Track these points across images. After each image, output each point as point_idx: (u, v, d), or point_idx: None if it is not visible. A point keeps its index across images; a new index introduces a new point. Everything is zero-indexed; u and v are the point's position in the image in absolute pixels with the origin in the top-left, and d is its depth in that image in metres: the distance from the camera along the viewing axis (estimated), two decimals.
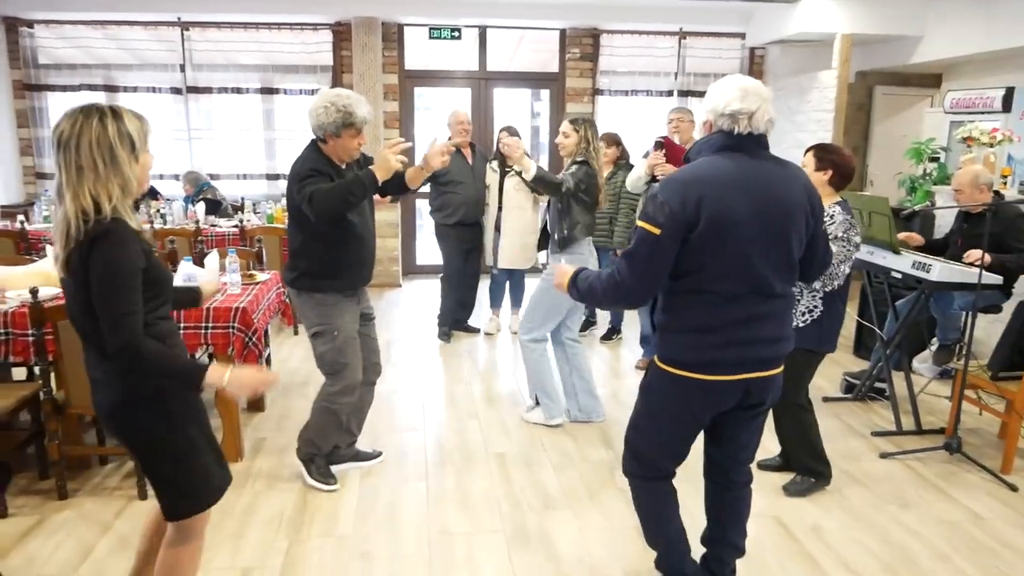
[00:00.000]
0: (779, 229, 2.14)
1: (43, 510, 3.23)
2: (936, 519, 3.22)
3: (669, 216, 2.07)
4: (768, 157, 2.20)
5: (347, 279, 3.27)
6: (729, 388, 2.21)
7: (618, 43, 8.04)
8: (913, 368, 4.79)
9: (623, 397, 4.69)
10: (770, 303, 2.19)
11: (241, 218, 6.39)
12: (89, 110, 1.95)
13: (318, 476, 3.47)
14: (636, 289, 2.18)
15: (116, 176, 1.94)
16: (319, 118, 3.11)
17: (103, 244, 1.90)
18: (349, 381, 3.35)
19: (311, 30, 7.62)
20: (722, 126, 2.17)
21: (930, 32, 6.57)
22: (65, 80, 7.53)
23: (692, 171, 2.15)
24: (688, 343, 2.19)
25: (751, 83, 2.17)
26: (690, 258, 2.11)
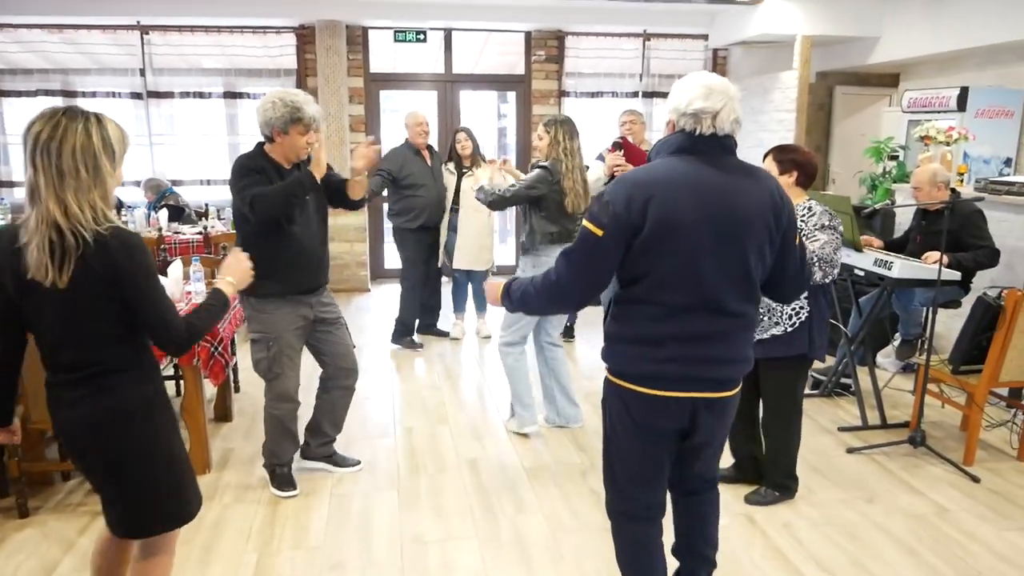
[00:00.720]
0: (734, 240, 1.98)
1: (3, 529, 3.14)
2: (902, 512, 3.28)
3: (612, 217, 1.95)
4: (732, 162, 2.05)
5: (286, 283, 3.19)
6: (672, 405, 2.05)
7: (583, 45, 8.07)
8: (877, 363, 4.88)
9: (593, 399, 4.68)
10: (722, 321, 2.02)
11: (205, 224, 6.30)
12: (72, 113, 1.85)
13: (276, 485, 3.46)
14: (572, 290, 2.08)
15: (97, 187, 1.85)
16: (266, 114, 3.09)
17: (140, 249, 1.90)
18: (281, 390, 3.34)
19: (274, 33, 7.54)
20: (684, 126, 2.02)
21: (887, 33, 6.69)
22: (21, 85, 7.35)
23: (644, 172, 2.03)
24: (631, 354, 2.07)
25: (716, 80, 2.03)
26: (635, 264, 1.99)
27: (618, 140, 4.83)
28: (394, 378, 5.14)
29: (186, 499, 2.14)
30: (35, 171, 1.82)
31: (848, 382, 4.56)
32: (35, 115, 1.86)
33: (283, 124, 3.09)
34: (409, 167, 5.50)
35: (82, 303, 1.88)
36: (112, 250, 1.84)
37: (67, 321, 1.91)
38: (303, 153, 3.19)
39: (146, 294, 1.92)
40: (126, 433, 1.98)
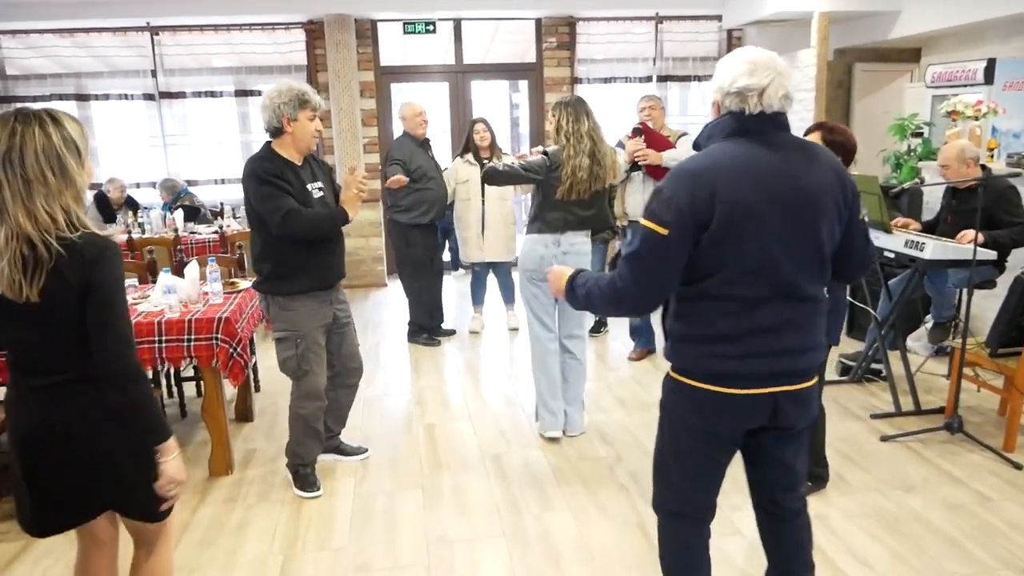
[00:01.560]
0: (805, 221, 1.86)
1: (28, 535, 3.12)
2: (942, 502, 3.18)
3: (677, 213, 1.80)
4: (788, 139, 1.92)
5: (312, 280, 3.22)
6: (753, 403, 1.92)
7: (594, 30, 7.95)
8: (908, 347, 4.76)
9: (617, 391, 4.63)
10: (798, 307, 1.90)
11: (221, 224, 6.27)
12: (26, 116, 1.76)
13: (299, 486, 3.44)
14: (640, 297, 1.92)
15: (68, 188, 1.78)
16: (274, 102, 3.09)
17: (110, 260, 1.80)
18: (311, 387, 3.32)
19: (283, 30, 7.49)
20: (730, 106, 1.88)
21: (907, 6, 6.52)
22: (35, 91, 7.37)
23: (701, 161, 1.88)
24: (704, 353, 1.92)
25: (761, 55, 1.88)
26: (704, 260, 1.84)
27: (638, 126, 4.71)
28: (413, 374, 5.09)
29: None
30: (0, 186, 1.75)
31: (879, 367, 4.45)
32: None
33: (292, 109, 3.09)
34: (417, 159, 5.31)
35: (56, 315, 1.80)
36: (86, 258, 1.76)
37: (40, 332, 1.84)
38: (312, 142, 3.20)
39: (106, 308, 1.81)
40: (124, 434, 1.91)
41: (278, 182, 3.06)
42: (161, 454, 1.91)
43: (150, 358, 3.39)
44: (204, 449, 3.73)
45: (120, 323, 1.83)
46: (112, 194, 6.84)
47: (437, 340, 5.72)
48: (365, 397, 4.60)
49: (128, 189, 7.08)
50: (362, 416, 4.31)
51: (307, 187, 3.19)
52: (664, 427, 2.10)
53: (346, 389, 3.59)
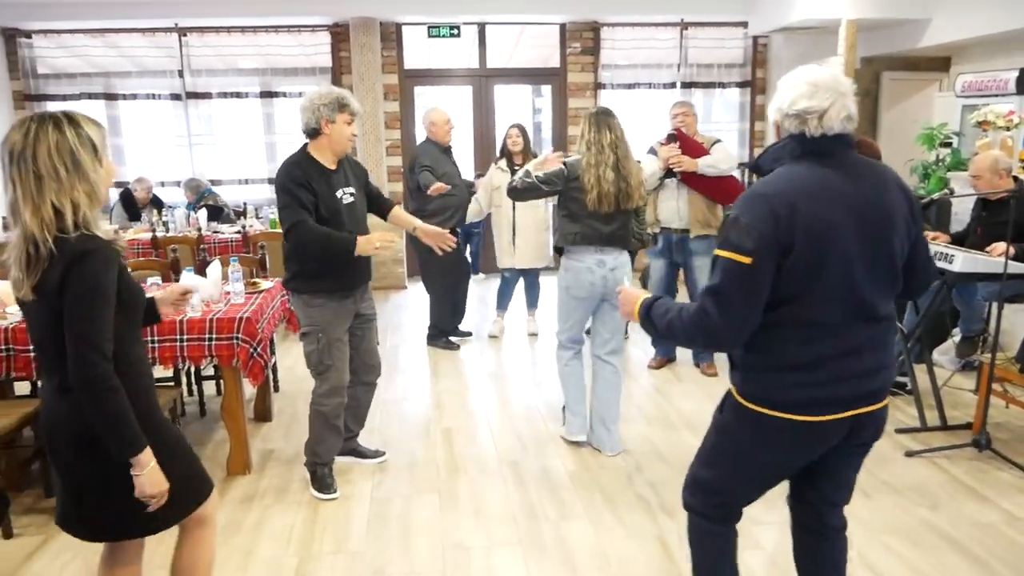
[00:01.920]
0: (881, 241, 1.82)
1: (48, 529, 3.14)
2: (969, 520, 3.11)
3: (759, 239, 1.73)
4: (856, 159, 1.88)
5: (336, 281, 3.27)
6: (833, 428, 1.87)
7: (619, 36, 7.93)
8: (934, 360, 4.68)
9: (637, 398, 4.60)
10: (874, 328, 1.86)
11: (244, 224, 6.31)
12: (42, 118, 1.80)
13: (317, 487, 3.44)
14: (728, 331, 1.82)
15: (82, 183, 1.79)
16: (314, 103, 3.15)
17: (86, 265, 1.76)
18: (333, 383, 3.35)
19: (309, 32, 7.54)
20: (790, 128, 1.85)
21: (938, 15, 6.44)
22: (65, 89, 7.48)
23: (774, 183, 1.82)
24: (785, 382, 1.85)
25: (823, 75, 1.83)
26: (785, 286, 1.78)
27: (672, 132, 4.67)
28: (432, 377, 5.08)
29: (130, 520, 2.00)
30: (14, 186, 1.77)
31: (904, 380, 4.37)
32: (8, 130, 1.80)
33: (331, 112, 3.14)
34: (442, 165, 5.32)
35: (47, 315, 1.80)
36: (66, 258, 1.75)
37: (38, 331, 1.87)
38: (348, 145, 3.25)
39: (72, 311, 1.76)
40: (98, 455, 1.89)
41: (297, 191, 3.10)
42: (133, 467, 1.86)
43: (171, 356, 3.41)
44: (222, 448, 3.75)
45: (87, 329, 1.77)
46: (139, 193, 6.91)
47: (456, 345, 5.70)
48: (383, 400, 4.60)
49: (155, 188, 7.15)
50: (380, 419, 4.30)
51: (336, 194, 3.21)
52: (722, 444, 2.04)
53: (364, 387, 3.62)
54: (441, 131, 5.39)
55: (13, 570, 2.86)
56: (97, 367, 1.78)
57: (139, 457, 1.86)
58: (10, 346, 3.27)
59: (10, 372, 3.30)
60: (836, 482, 2.07)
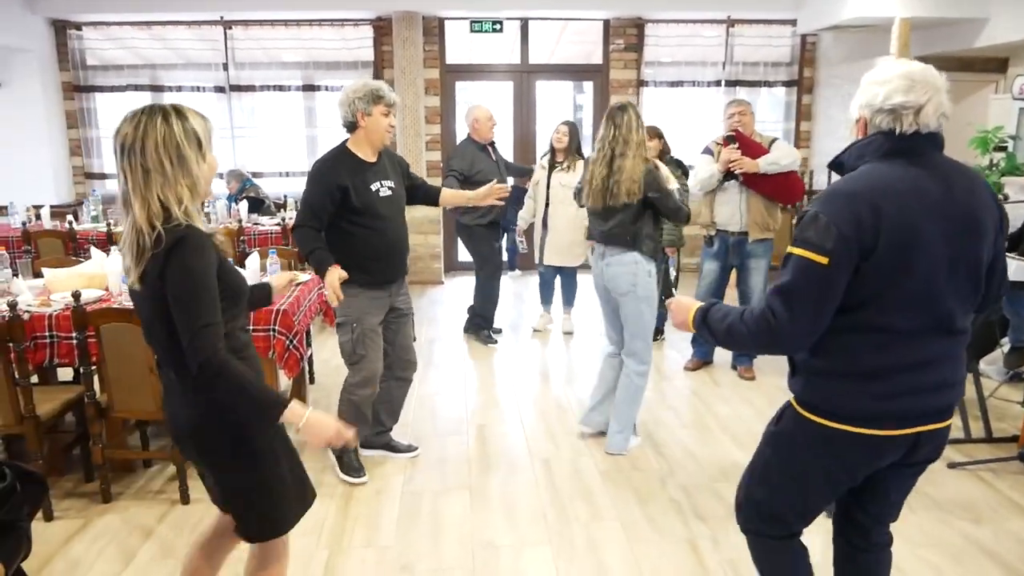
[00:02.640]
0: (969, 248, 1.73)
1: (87, 513, 3.22)
2: (1013, 536, 3.01)
3: (840, 240, 1.64)
4: (946, 160, 1.78)
5: (371, 273, 3.32)
6: (896, 443, 1.80)
7: (663, 32, 7.83)
8: (981, 371, 4.53)
9: (671, 400, 4.54)
10: (949, 341, 1.77)
11: (283, 216, 6.37)
12: (152, 110, 1.83)
13: (345, 471, 3.52)
14: (796, 333, 1.73)
15: (185, 177, 1.83)
16: (349, 97, 3.22)
17: (180, 251, 1.78)
18: (366, 373, 3.41)
19: (352, 26, 7.58)
20: (881, 125, 1.74)
21: (995, 14, 6.22)
22: (112, 81, 7.63)
23: (859, 181, 1.73)
24: (849, 391, 1.77)
25: (918, 69, 1.73)
26: (861, 289, 1.69)
27: (731, 133, 4.58)
28: (467, 373, 5.08)
29: (287, 506, 2.07)
30: (124, 177, 1.82)
31: None
32: (120, 121, 1.84)
33: (366, 104, 3.19)
34: (478, 164, 5.35)
35: (153, 304, 1.84)
36: (167, 246, 1.79)
37: (146, 321, 1.92)
38: (386, 137, 3.30)
39: (175, 299, 1.78)
40: (218, 443, 1.94)
41: (318, 196, 3.20)
42: (294, 425, 1.87)
43: None
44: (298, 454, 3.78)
45: (189, 317, 1.77)
46: None
47: (494, 340, 5.70)
48: (418, 394, 4.61)
49: None
50: (414, 413, 4.32)
51: (371, 187, 3.26)
52: (777, 459, 1.98)
53: (398, 382, 3.65)
54: (484, 128, 5.43)
55: (52, 552, 2.93)
56: (204, 352, 1.76)
57: (288, 413, 1.85)
58: (54, 333, 3.34)
59: (53, 359, 3.37)
60: (886, 502, 2.00)
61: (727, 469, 3.61)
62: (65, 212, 6.42)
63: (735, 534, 3.00)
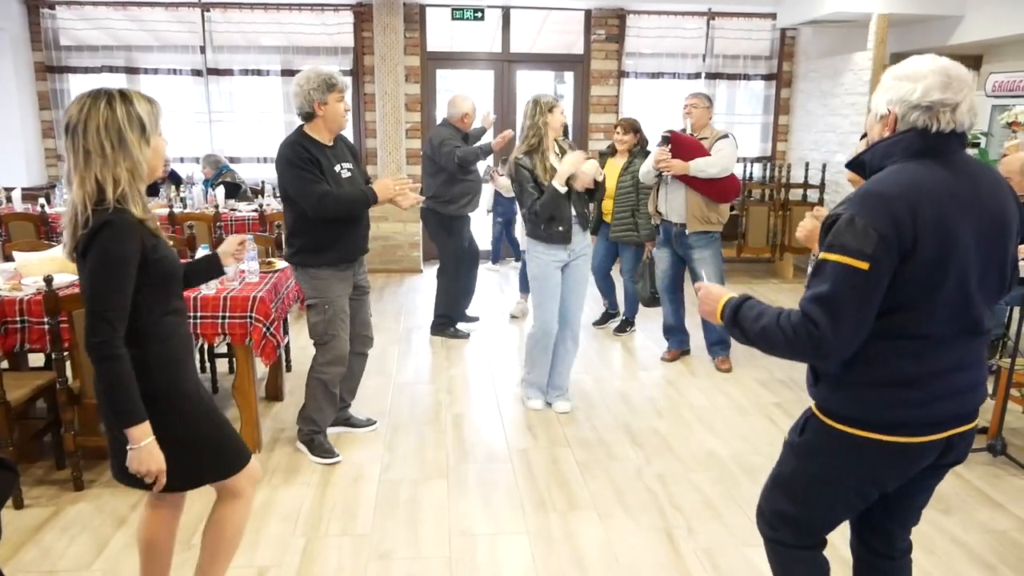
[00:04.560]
0: (999, 252, 1.70)
1: (59, 501, 3.18)
2: (981, 526, 3.07)
3: (879, 243, 1.57)
4: (970, 161, 1.73)
5: (339, 253, 3.41)
6: (929, 449, 1.75)
7: (644, 24, 7.84)
8: None
9: (650, 392, 4.57)
10: (976, 342, 1.74)
11: (261, 202, 6.31)
12: (97, 93, 1.89)
13: (321, 453, 3.58)
14: (838, 343, 1.64)
15: (125, 159, 1.88)
16: (303, 88, 3.26)
17: (102, 235, 1.84)
18: (337, 352, 3.50)
19: (332, 11, 7.50)
20: (915, 122, 1.66)
21: (970, 12, 6.31)
22: (87, 62, 7.49)
23: (893, 181, 1.65)
24: (883, 400, 1.71)
25: (951, 65, 1.67)
26: (896, 293, 1.63)
27: (666, 133, 4.63)
28: (444, 361, 5.08)
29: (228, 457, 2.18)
30: (67, 155, 1.90)
31: None
32: (70, 102, 1.91)
33: (321, 94, 3.25)
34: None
35: (81, 282, 1.93)
36: (90, 228, 1.85)
37: (83, 298, 1.98)
38: (343, 122, 3.38)
39: (86, 281, 1.87)
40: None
41: (309, 167, 3.24)
42: (129, 440, 1.92)
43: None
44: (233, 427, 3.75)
45: (96, 298, 1.85)
46: None
47: (466, 334, 5.63)
48: (395, 383, 4.61)
49: (173, 164, 7.16)
50: (391, 402, 4.31)
51: (335, 168, 3.36)
52: (803, 472, 1.90)
53: (357, 357, 3.74)
54: (470, 121, 5.36)
55: (23, 541, 2.89)
56: (99, 335, 1.85)
57: (132, 431, 1.91)
58: (25, 318, 3.29)
59: (24, 344, 3.32)
60: (912, 506, 1.96)
61: (703, 459, 3.65)
62: (37, 195, 6.31)
63: (710, 522, 3.05)
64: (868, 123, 1.82)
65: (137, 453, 1.93)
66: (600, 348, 5.41)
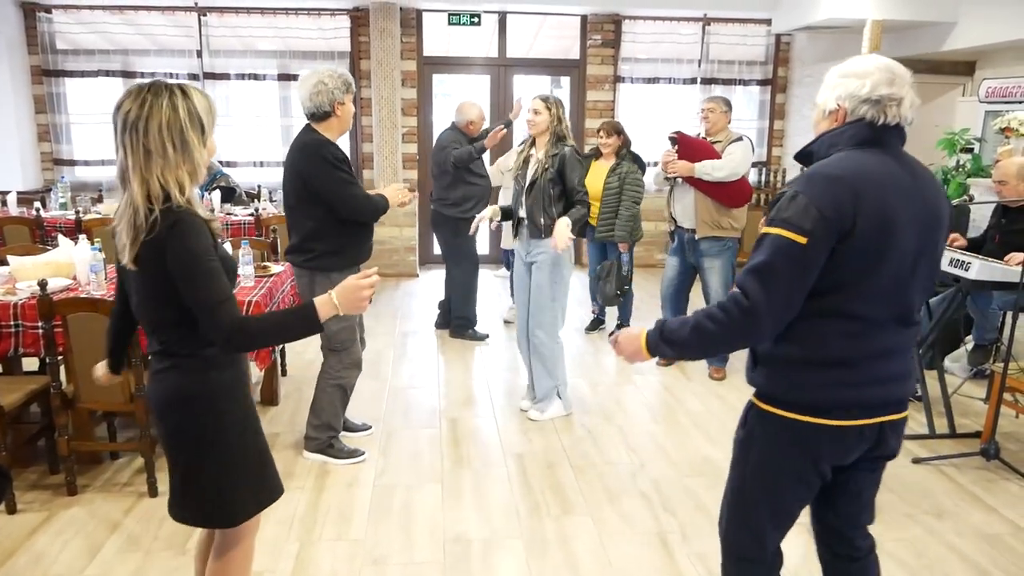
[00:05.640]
0: (932, 241, 1.76)
1: (52, 506, 3.17)
2: (975, 531, 3.08)
3: (819, 220, 1.63)
4: (907, 155, 1.80)
5: (356, 255, 3.43)
6: (863, 434, 1.79)
7: (640, 29, 7.86)
8: (946, 368, 4.63)
9: (645, 396, 4.57)
10: (906, 332, 1.79)
11: (256, 207, 6.30)
12: (158, 88, 1.80)
13: (347, 455, 3.59)
14: (769, 314, 1.68)
15: (186, 162, 1.81)
16: (328, 87, 3.23)
17: (179, 234, 1.77)
18: (355, 356, 3.55)
19: (328, 15, 7.51)
20: (863, 115, 1.74)
21: (964, 18, 6.33)
22: (83, 66, 7.47)
23: (838, 165, 1.72)
24: (816, 380, 1.75)
25: (896, 64, 1.76)
26: (836, 274, 1.68)
27: (673, 135, 4.63)
28: (440, 366, 5.08)
29: (250, 493, 2.06)
30: (124, 153, 1.80)
31: (914, 386, 4.33)
32: (122, 95, 1.82)
33: (342, 94, 3.26)
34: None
35: (147, 283, 1.85)
36: (163, 229, 1.77)
37: (140, 301, 1.91)
38: (351, 124, 3.45)
39: (185, 280, 1.78)
40: (189, 417, 1.94)
41: (347, 167, 3.27)
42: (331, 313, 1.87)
43: None
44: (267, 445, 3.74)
45: (206, 295, 1.78)
46: None
47: (483, 335, 5.62)
48: (391, 388, 4.61)
49: None
50: (386, 406, 4.31)
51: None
52: (749, 465, 1.92)
53: None
54: (475, 128, 5.40)
55: (16, 546, 2.88)
56: (232, 321, 1.79)
57: (320, 309, 1.85)
58: (19, 322, 3.28)
59: (18, 348, 3.31)
60: (858, 502, 1.97)
61: (697, 464, 3.65)
62: (32, 199, 6.30)
63: (705, 528, 3.05)
64: (815, 119, 1.88)
65: (341, 299, 1.87)
66: (595, 352, 5.41)
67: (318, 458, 3.58)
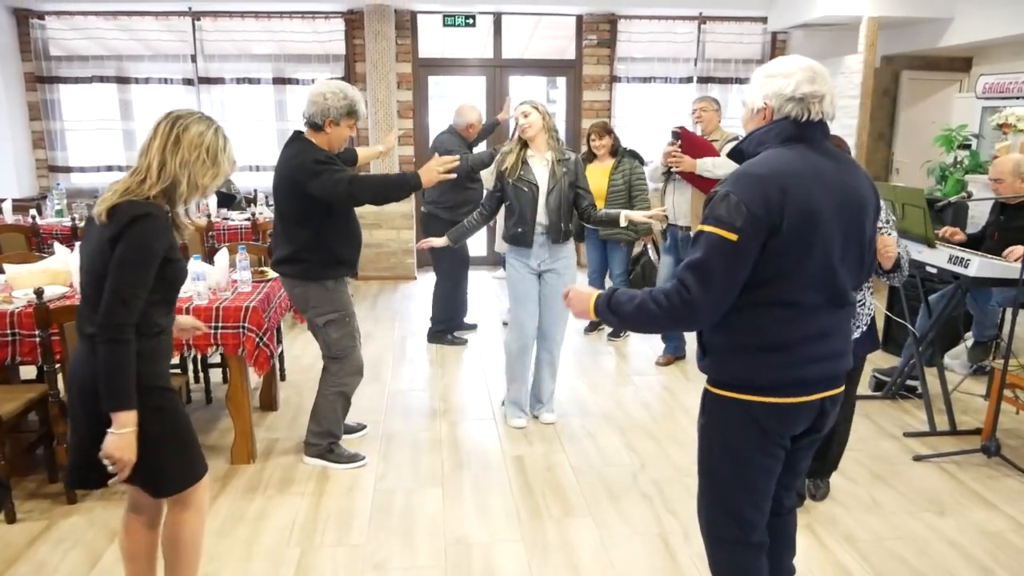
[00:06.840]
0: (857, 229, 1.88)
1: (51, 515, 3.15)
2: (976, 528, 3.08)
3: (749, 218, 1.73)
4: (832, 149, 1.93)
5: (350, 264, 3.44)
6: (806, 410, 1.91)
7: (636, 29, 7.85)
8: (945, 364, 4.62)
9: (645, 396, 4.56)
10: (841, 313, 1.92)
11: (254, 211, 6.30)
12: (209, 118, 2.07)
13: (348, 460, 3.58)
14: (706, 306, 1.81)
15: (199, 176, 2.01)
16: (328, 101, 3.20)
17: (142, 225, 1.91)
18: (356, 362, 3.53)
19: (323, 19, 7.50)
20: (789, 112, 1.86)
21: (960, 14, 6.34)
22: (77, 72, 7.46)
23: (765, 164, 1.83)
24: (758, 363, 1.87)
25: (816, 64, 1.89)
26: (768, 266, 1.79)
27: (676, 130, 4.61)
28: (439, 369, 5.07)
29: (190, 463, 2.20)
30: (153, 134, 2.00)
31: (914, 384, 4.32)
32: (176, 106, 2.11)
33: (338, 115, 3.22)
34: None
35: (102, 252, 1.95)
36: (131, 211, 1.91)
37: (85, 268, 2.04)
38: (342, 146, 3.40)
39: (117, 262, 1.92)
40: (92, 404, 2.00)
41: (330, 162, 3.23)
42: (113, 423, 1.96)
43: (177, 344, 3.39)
44: (227, 437, 3.74)
45: (123, 283, 1.92)
46: None
47: (464, 340, 5.64)
48: (390, 391, 4.60)
49: None
50: (386, 409, 4.30)
51: None
52: (714, 447, 2.01)
53: None
54: (474, 131, 5.39)
55: (16, 555, 2.87)
56: (117, 317, 1.92)
57: (121, 415, 1.95)
58: (16, 331, 3.27)
59: (15, 357, 3.30)
60: (795, 471, 2.10)
61: None
62: (28, 206, 6.28)
63: None
64: (744, 118, 1.99)
65: (118, 439, 1.96)
66: (594, 354, 5.40)
67: (318, 463, 3.56)
